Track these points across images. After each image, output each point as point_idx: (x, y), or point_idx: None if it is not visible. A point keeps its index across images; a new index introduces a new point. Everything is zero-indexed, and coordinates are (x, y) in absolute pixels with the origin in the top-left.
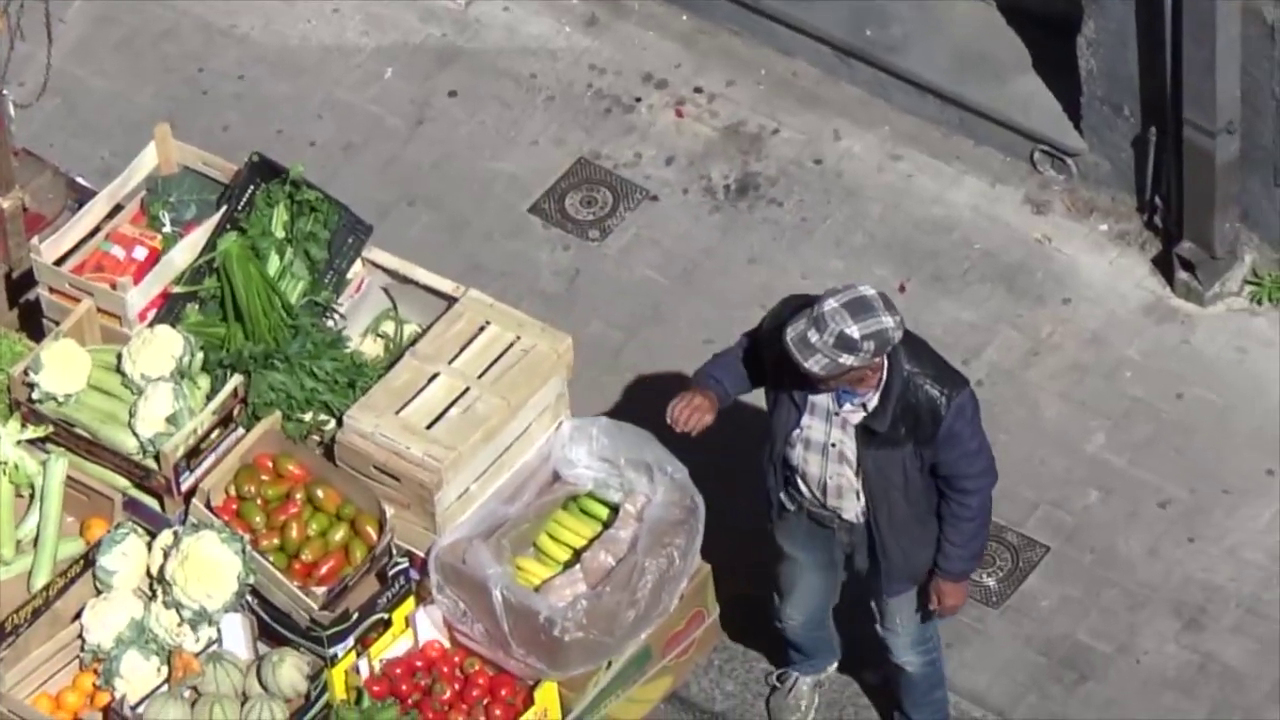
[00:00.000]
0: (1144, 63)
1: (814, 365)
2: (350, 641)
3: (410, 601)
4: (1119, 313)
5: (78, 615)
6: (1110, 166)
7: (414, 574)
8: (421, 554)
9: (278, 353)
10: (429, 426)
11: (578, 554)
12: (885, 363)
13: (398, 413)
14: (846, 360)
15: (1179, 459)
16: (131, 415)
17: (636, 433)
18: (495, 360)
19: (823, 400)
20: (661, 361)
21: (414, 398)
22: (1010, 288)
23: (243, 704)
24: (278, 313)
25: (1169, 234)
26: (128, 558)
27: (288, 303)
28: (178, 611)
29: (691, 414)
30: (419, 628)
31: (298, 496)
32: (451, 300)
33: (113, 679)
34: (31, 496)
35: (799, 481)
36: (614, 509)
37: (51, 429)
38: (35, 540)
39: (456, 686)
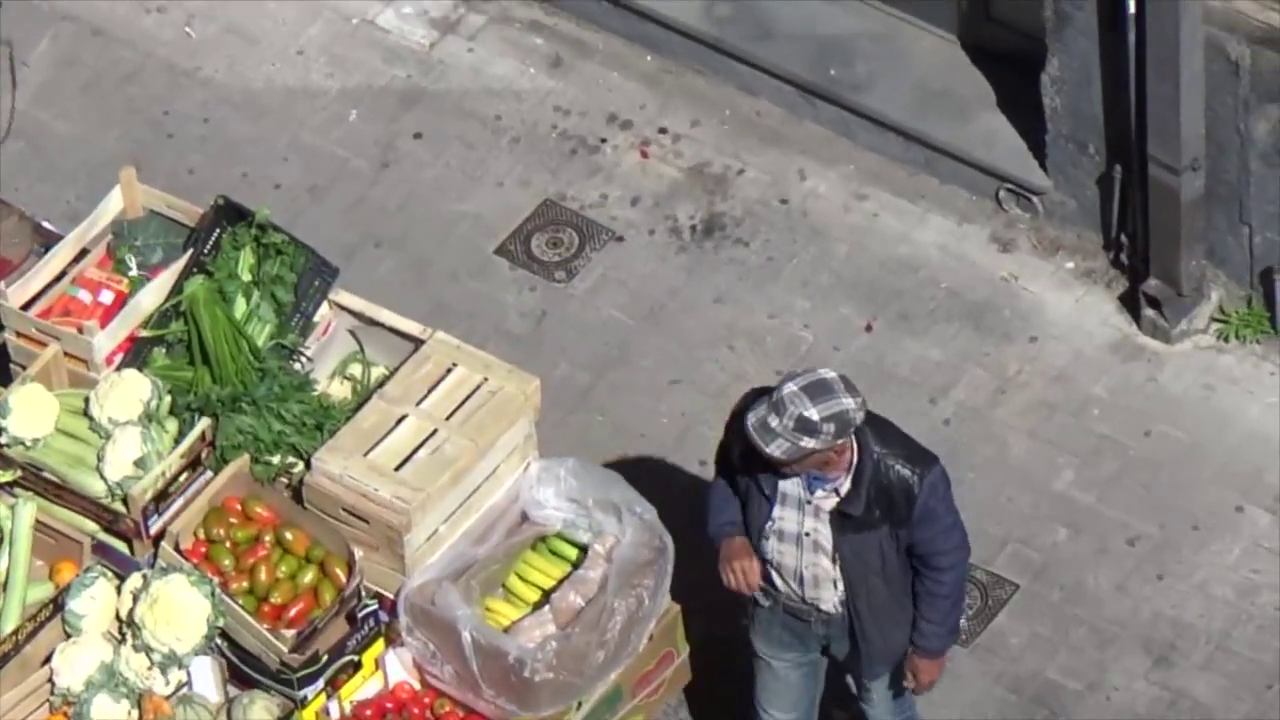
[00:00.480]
0: (1108, 100)
1: (775, 450)
2: (320, 683)
3: (380, 643)
4: (1086, 350)
5: (47, 659)
6: (1076, 204)
7: (383, 616)
8: (391, 596)
9: (245, 396)
10: (397, 468)
11: (547, 595)
12: (855, 445)
13: (366, 455)
14: (807, 443)
15: (1147, 496)
16: (99, 459)
17: (604, 473)
18: (463, 402)
19: (793, 490)
20: (628, 402)
21: (382, 439)
22: (977, 326)
23: None
24: (245, 356)
25: (1135, 271)
26: (97, 601)
27: (255, 346)
28: (147, 654)
29: (745, 576)
30: (389, 669)
31: (266, 539)
32: (418, 342)
33: None
34: (0, 541)
35: (774, 575)
36: (583, 549)
37: (19, 473)
38: (4, 584)
39: None
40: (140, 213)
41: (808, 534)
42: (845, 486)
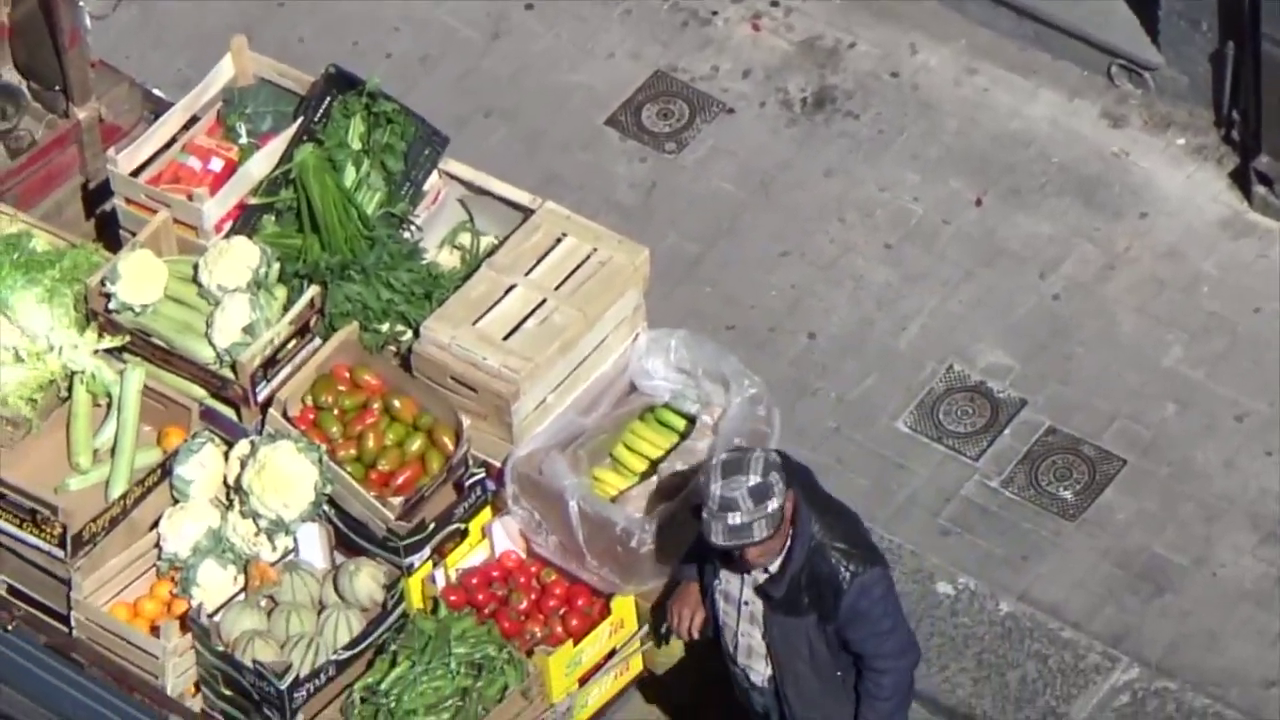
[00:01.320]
0: None
1: (761, 531)
2: (427, 551)
3: (487, 512)
4: (1196, 227)
5: (155, 524)
6: (1188, 80)
7: (490, 484)
8: (498, 464)
9: (354, 264)
10: (506, 338)
11: (654, 465)
12: (789, 529)
13: (474, 324)
14: (773, 505)
15: (1256, 372)
16: (208, 326)
17: (713, 345)
18: (572, 272)
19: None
20: (738, 273)
21: (491, 309)
22: (1087, 201)
23: (319, 613)
24: (354, 224)
25: (1246, 148)
26: (205, 467)
27: (364, 214)
28: (254, 521)
29: (681, 624)
30: (495, 538)
31: (375, 407)
32: (528, 212)
33: (190, 587)
34: (109, 406)
35: (722, 634)
36: (691, 420)
37: (128, 339)
38: (112, 449)
39: (533, 596)
40: (251, 81)
41: (745, 603)
42: (774, 566)
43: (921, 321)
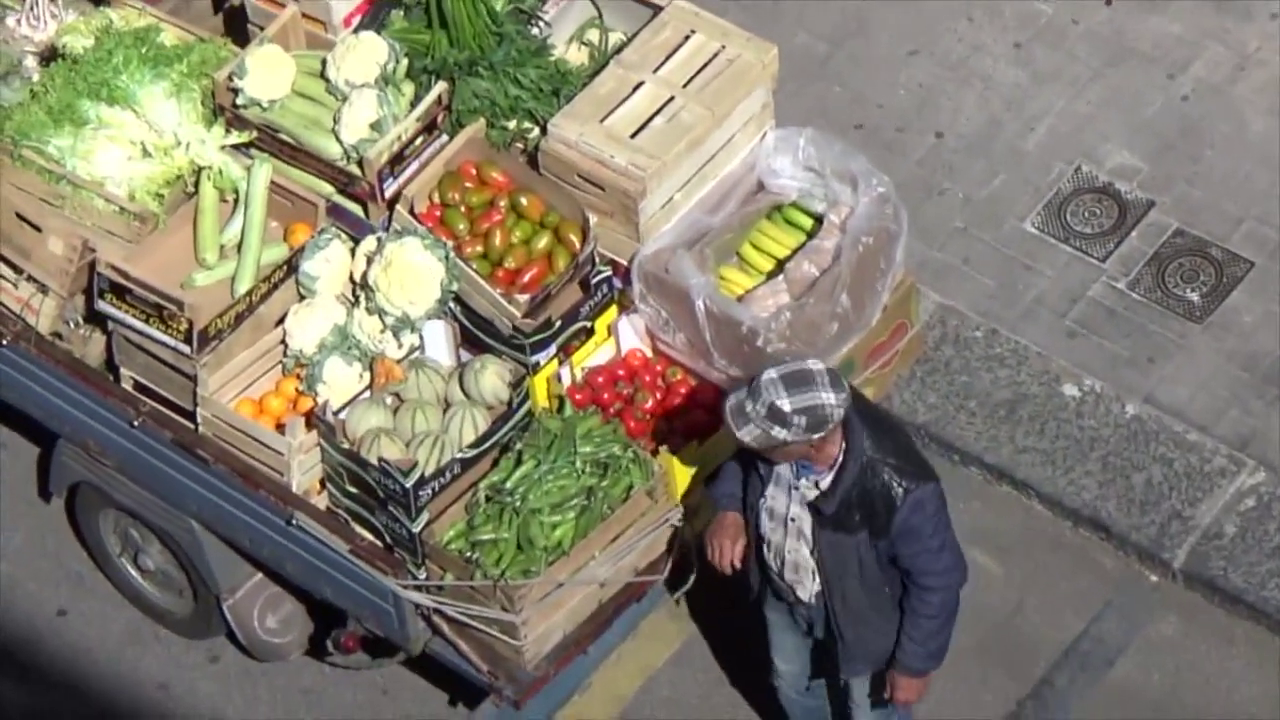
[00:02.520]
0: None
1: (746, 436)
2: (552, 349)
3: (613, 310)
4: None
5: (280, 321)
6: None
7: (617, 283)
8: (625, 263)
9: (482, 59)
10: (633, 135)
11: (781, 264)
12: (841, 443)
13: (602, 121)
14: (779, 434)
15: None
16: (335, 121)
17: (841, 143)
18: (700, 69)
19: (785, 472)
20: (866, 72)
21: (618, 106)
22: (1218, 2)
23: (444, 411)
24: (483, 19)
25: None
26: (331, 263)
27: (493, 9)
28: (380, 318)
29: (728, 554)
30: (621, 336)
31: (501, 204)
32: (657, 9)
33: (315, 384)
34: (235, 201)
35: (764, 549)
36: (818, 219)
37: (255, 134)
38: (239, 245)
39: (659, 395)
40: None
41: (793, 519)
42: (826, 481)
43: (1049, 122)
